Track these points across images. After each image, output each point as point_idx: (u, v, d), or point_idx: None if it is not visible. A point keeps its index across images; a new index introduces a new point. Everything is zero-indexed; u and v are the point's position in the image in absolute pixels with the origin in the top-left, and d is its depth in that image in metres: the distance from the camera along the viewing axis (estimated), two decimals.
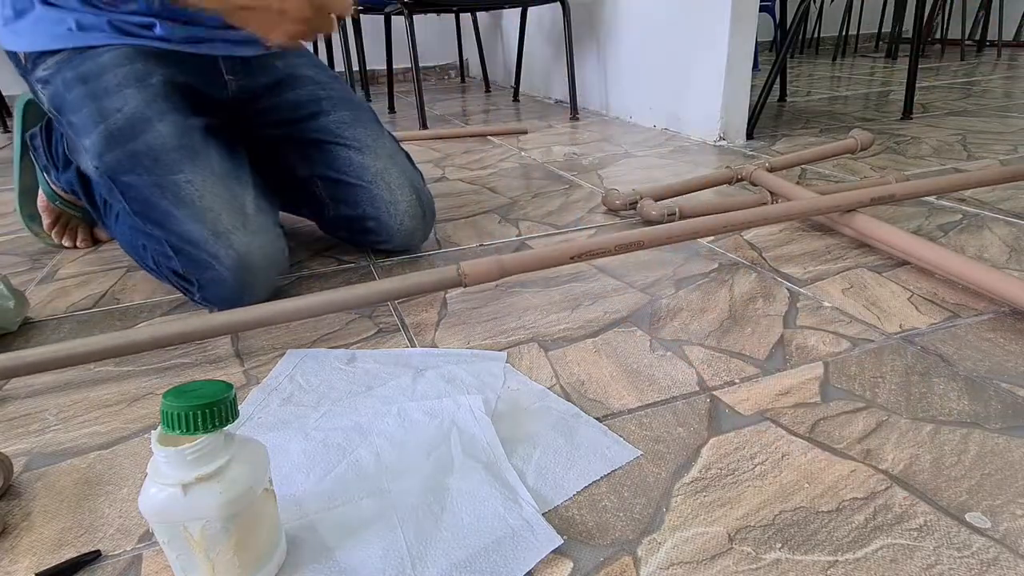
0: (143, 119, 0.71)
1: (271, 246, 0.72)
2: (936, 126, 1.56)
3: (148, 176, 0.69)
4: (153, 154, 0.70)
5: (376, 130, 0.87)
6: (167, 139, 0.71)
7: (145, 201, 0.70)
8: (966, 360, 0.56)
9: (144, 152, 0.70)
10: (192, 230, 0.69)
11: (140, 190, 0.70)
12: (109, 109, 0.71)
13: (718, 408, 0.52)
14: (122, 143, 0.70)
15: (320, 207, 0.88)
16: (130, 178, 0.70)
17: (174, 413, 0.31)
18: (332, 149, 0.84)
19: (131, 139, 0.70)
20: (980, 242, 0.82)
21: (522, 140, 1.70)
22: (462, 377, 0.57)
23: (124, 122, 0.71)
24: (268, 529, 0.36)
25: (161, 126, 0.71)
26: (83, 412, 0.56)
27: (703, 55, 1.53)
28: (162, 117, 0.72)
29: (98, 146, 0.70)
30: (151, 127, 0.71)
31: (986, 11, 3.28)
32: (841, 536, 0.39)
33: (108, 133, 0.70)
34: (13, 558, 0.41)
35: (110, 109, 0.71)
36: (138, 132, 0.70)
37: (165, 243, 0.70)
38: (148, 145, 0.70)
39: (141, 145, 0.70)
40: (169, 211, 0.69)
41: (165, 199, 0.69)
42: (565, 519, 0.41)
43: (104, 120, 0.71)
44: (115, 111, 0.71)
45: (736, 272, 0.78)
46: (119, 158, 0.70)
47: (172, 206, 0.69)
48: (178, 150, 0.71)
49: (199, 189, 0.70)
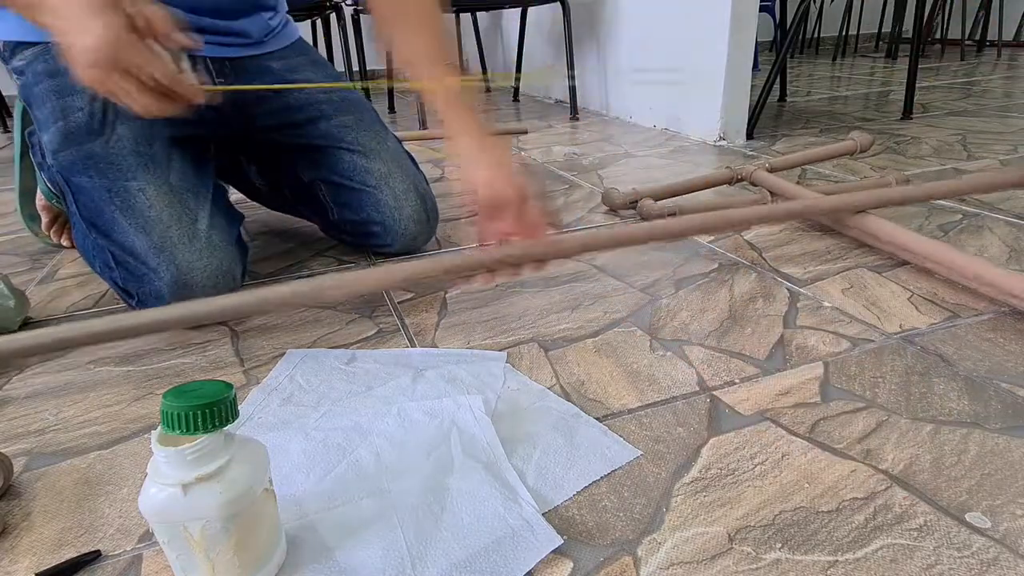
0: (104, 121, 0.69)
1: (218, 266, 0.69)
2: (936, 126, 1.56)
3: (100, 179, 0.68)
4: (109, 157, 0.68)
5: (379, 132, 0.86)
6: (125, 143, 0.69)
7: (94, 206, 0.68)
8: (966, 360, 0.56)
9: (100, 154, 0.68)
10: (135, 241, 0.67)
11: (90, 193, 0.68)
12: (71, 107, 0.69)
13: (718, 408, 0.52)
14: (78, 142, 0.68)
15: (323, 210, 0.88)
16: (82, 180, 0.68)
17: (174, 413, 0.31)
18: (335, 153, 0.83)
19: (88, 139, 0.68)
20: (980, 242, 0.82)
21: (522, 140, 1.70)
22: (462, 377, 0.57)
23: (84, 121, 0.69)
24: (268, 529, 0.36)
25: (121, 129, 0.69)
26: (83, 412, 0.56)
27: (703, 55, 1.52)
28: (124, 121, 0.70)
29: (55, 143, 0.69)
30: (111, 129, 0.69)
31: (986, 11, 3.28)
32: (841, 536, 0.39)
33: (67, 130, 0.69)
34: (13, 558, 0.41)
35: (72, 107, 0.69)
36: (96, 133, 0.69)
37: (108, 253, 0.68)
38: (104, 148, 0.68)
39: (98, 147, 0.68)
40: (115, 219, 0.67)
41: (113, 205, 0.67)
42: (565, 519, 0.41)
43: (64, 117, 0.69)
44: (77, 109, 0.69)
45: (736, 272, 0.78)
46: (74, 157, 0.68)
47: (120, 213, 0.67)
48: (135, 156, 0.69)
49: (150, 199, 0.68)
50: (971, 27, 3.31)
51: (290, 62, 0.85)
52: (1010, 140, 1.37)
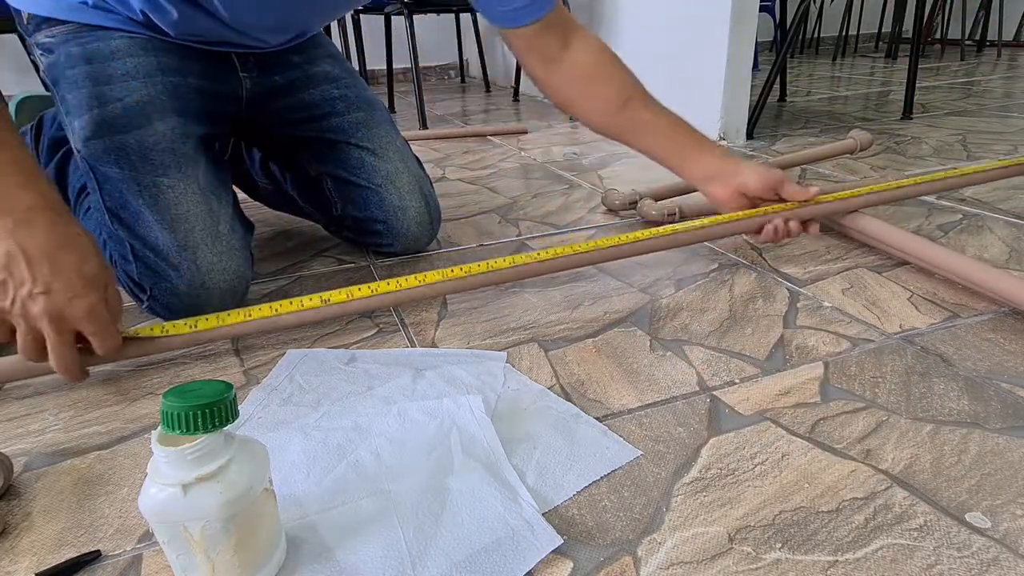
0: (142, 114, 0.69)
1: (235, 269, 0.70)
2: (936, 126, 1.56)
3: (131, 172, 0.67)
4: (143, 151, 0.68)
5: (389, 132, 0.86)
6: (161, 140, 0.69)
7: (120, 197, 0.68)
8: (966, 360, 0.56)
9: (134, 147, 0.68)
10: (159, 237, 0.67)
11: (118, 184, 0.68)
12: (109, 96, 0.69)
13: (718, 408, 0.52)
14: (113, 133, 0.68)
15: (327, 205, 0.88)
16: (111, 170, 0.68)
17: (174, 413, 0.31)
18: (344, 149, 0.84)
19: (124, 131, 0.68)
20: (980, 242, 0.82)
21: (522, 140, 1.70)
22: (462, 377, 0.57)
23: (121, 112, 0.68)
24: (268, 529, 0.36)
25: (160, 125, 0.69)
26: (83, 412, 0.56)
27: (703, 55, 1.52)
28: (163, 117, 0.70)
29: (87, 130, 0.68)
30: (148, 124, 0.69)
31: (986, 11, 3.28)
32: (841, 536, 0.39)
33: (101, 119, 0.68)
34: (13, 558, 0.41)
35: (110, 97, 0.69)
36: (133, 126, 0.68)
37: (128, 245, 0.68)
38: (140, 141, 0.68)
39: (132, 139, 0.68)
40: (141, 212, 0.67)
41: (141, 199, 0.67)
42: (565, 519, 0.41)
43: (101, 106, 0.68)
44: (115, 100, 0.69)
45: (736, 272, 0.78)
46: (106, 147, 0.68)
47: (146, 208, 0.67)
48: (170, 153, 0.69)
49: (179, 196, 0.68)
50: (971, 27, 3.31)
51: (309, 55, 0.86)
52: (1010, 140, 1.37)
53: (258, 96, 0.82)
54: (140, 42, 0.71)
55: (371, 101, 0.88)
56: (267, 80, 0.82)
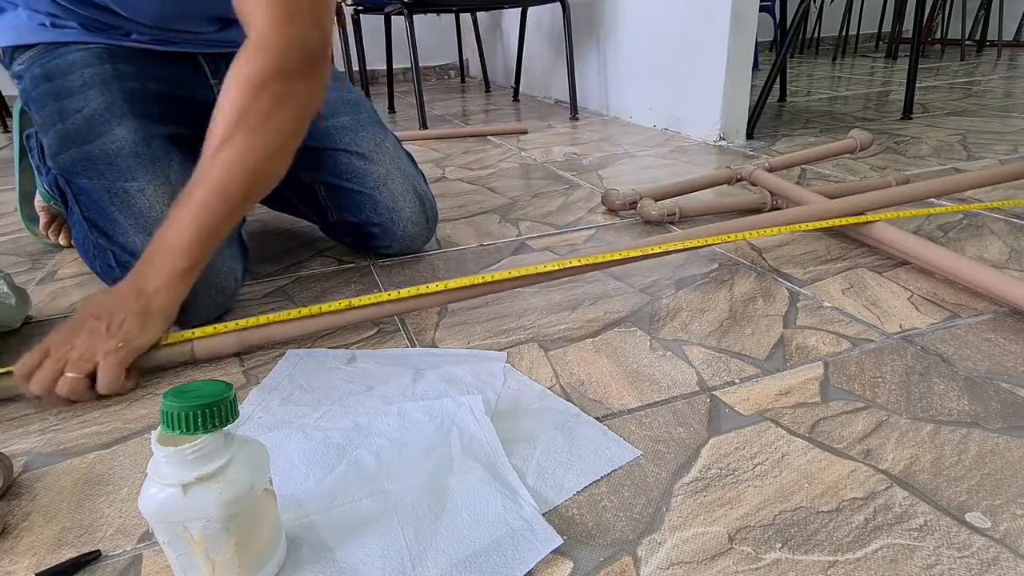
0: (102, 121, 0.69)
1: (217, 269, 0.68)
2: (936, 126, 1.56)
3: (100, 180, 0.68)
4: (107, 158, 0.68)
5: (378, 133, 0.85)
6: (124, 144, 0.69)
7: (95, 207, 0.68)
8: (966, 360, 0.56)
9: (99, 156, 0.68)
10: (136, 242, 0.67)
11: (92, 195, 0.68)
12: (69, 109, 0.69)
13: (718, 408, 0.52)
14: (77, 144, 0.68)
15: (323, 212, 0.88)
16: (83, 181, 0.68)
17: (174, 413, 0.31)
18: (333, 155, 0.83)
19: (87, 141, 0.68)
20: (980, 242, 0.82)
21: (522, 140, 1.70)
22: (462, 377, 0.57)
23: (82, 123, 0.69)
24: (268, 529, 0.36)
25: (119, 130, 0.69)
26: (83, 412, 0.56)
27: (703, 55, 1.52)
28: (121, 121, 0.70)
29: (54, 146, 0.69)
30: (109, 130, 0.69)
31: (986, 11, 3.28)
32: (841, 536, 0.39)
33: (65, 133, 0.69)
34: (13, 558, 0.41)
35: (70, 109, 0.69)
36: (95, 135, 0.68)
37: (109, 253, 0.69)
38: (103, 149, 0.68)
39: (96, 148, 0.68)
40: (117, 219, 0.67)
41: (114, 206, 0.67)
42: (565, 519, 0.41)
43: (63, 120, 0.69)
44: (74, 111, 0.69)
45: (736, 272, 0.78)
46: (73, 159, 0.68)
47: (120, 214, 0.67)
48: (134, 156, 0.69)
49: (150, 199, 0.68)
50: (971, 27, 3.31)
51: None
52: (1010, 140, 1.37)
53: None
54: (96, 52, 0.73)
55: (356, 103, 0.87)
56: None
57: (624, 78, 1.94)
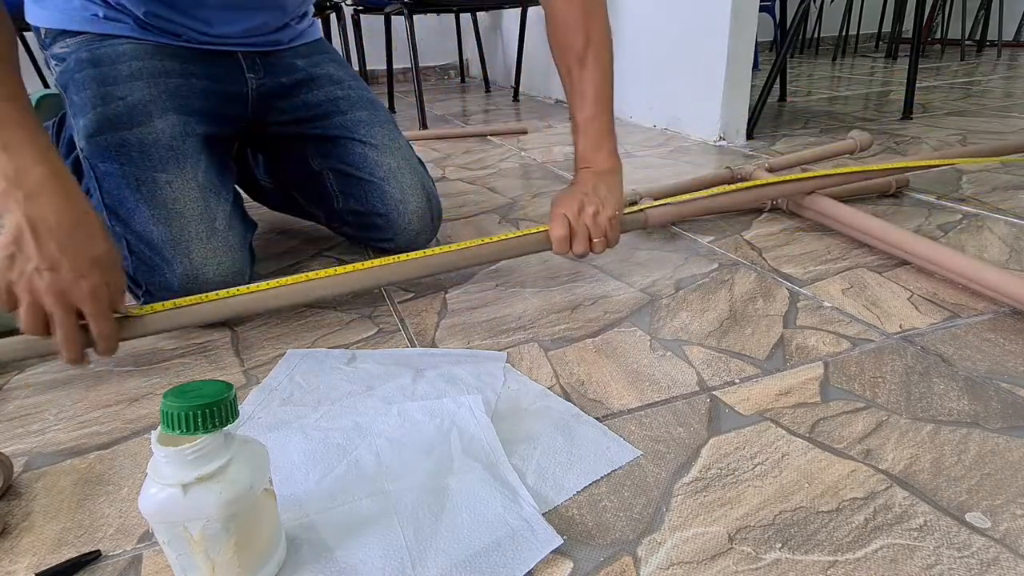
0: (144, 112, 0.71)
1: (230, 265, 0.70)
2: (936, 126, 1.56)
3: (130, 167, 0.69)
4: (142, 147, 0.69)
5: (391, 130, 0.87)
6: (161, 137, 0.70)
7: (118, 193, 0.69)
8: (966, 360, 0.56)
9: (134, 143, 0.69)
10: (153, 232, 0.68)
11: (116, 180, 0.69)
12: (112, 95, 0.71)
13: (718, 408, 0.52)
14: (115, 129, 0.70)
15: (329, 200, 0.89)
16: (110, 166, 0.69)
17: (174, 413, 0.31)
18: (347, 144, 0.85)
19: (125, 128, 0.70)
20: (980, 242, 0.82)
21: (522, 140, 1.70)
22: (462, 377, 0.57)
23: (124, 109, 0.70)
24: (268, 529, 0.36)
25: (160, 123, 0.71)
26: (83, 412, 0.56)
27: (703, 55, 1.52)
28: (163, 115, 0.72)
29: (90, 127, 0.70)
30: (149, 121, 0.71)
31: (986, 11, 3.28)
32: (841, 536, 0.39)
33: (104, 116, 0.70)
34: (13, 558, 0.41)
35: (113, 96, 0.71)
36: (135, 123, 0.70)
37: (123, 240, 0.69)
38: (140, 138, 0.70)
39: (133, 136, 0.70)
40: (138, 207, 0.68)
41: (139, 194, 0.68)
42: (565, 519, 0.41)
43: (105, 104, 0.70)
44: (118, 99, 0.71)
45: (736, 272, 0.78)
46: (108, 142, 0.69)
47: (143, 202, 0.68)
48: (169, 150, 0.70)
49: (175, 192, 0.69)
50: (971, 27, 3.31)
51: (313, 59, 0.88)
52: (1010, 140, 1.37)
53: (264, 96, 0.84)
54: (147, 48, 0.74)
55: (374, 102, 0.90)
56: (273, 81, 0.84)
57: (624, 78, 1.93)
